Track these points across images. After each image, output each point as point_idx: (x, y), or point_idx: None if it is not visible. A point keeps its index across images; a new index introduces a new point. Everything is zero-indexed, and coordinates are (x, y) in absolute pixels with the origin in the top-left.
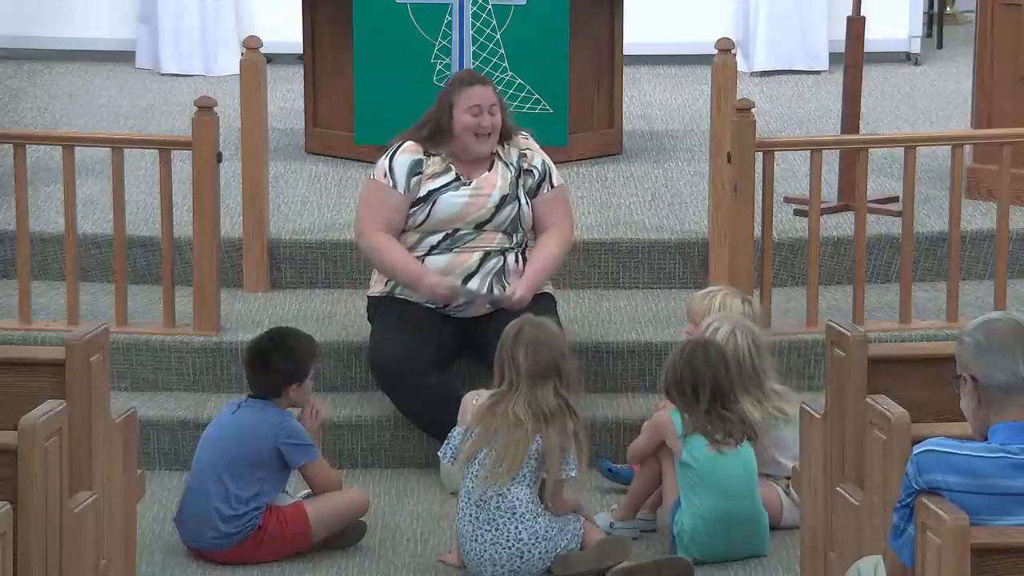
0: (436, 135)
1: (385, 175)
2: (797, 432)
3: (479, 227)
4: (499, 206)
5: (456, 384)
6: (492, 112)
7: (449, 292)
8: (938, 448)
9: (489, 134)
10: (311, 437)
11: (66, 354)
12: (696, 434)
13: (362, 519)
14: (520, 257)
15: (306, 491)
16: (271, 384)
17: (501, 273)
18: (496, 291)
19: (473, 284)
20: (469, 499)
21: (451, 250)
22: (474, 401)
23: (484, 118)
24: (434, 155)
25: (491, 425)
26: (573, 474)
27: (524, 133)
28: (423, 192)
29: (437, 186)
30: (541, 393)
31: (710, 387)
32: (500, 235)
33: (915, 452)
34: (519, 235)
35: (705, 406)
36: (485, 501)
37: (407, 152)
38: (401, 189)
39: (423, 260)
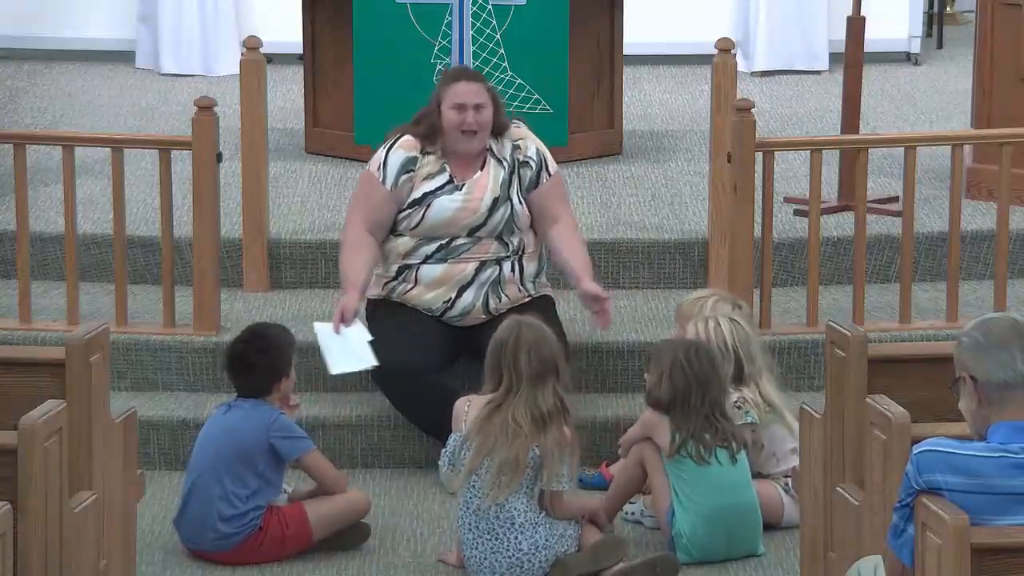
0: (431, 132)
1: (379, 168)
2: (787, 429)
3: (473, 233)
4: (491, 209)
5: (455, 385)
6: (478, 109)
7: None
8: (938, 448)
9: (476, 131)
10: None
11: (66, 354)
12: (683, 455)
13: (363, 520)
14: (516, 265)
15: (308, 488)
16: (258, 384)
17: (497, 283)
18: (492, 302)
19: (468, 295)
20: (468, 508)
21: (446, 260)
22: (466, 408)
23: (468, 115)
24: (430, 153)
25: (490, 435)
26: (565, 486)
27: (516, 122)
28: (418, 194)
29: (431, 188)
30: (541, 395)
31: (707, 392)
32: (496, 243)
33: (915, 452)
34: (515, 240)
35: (705, 412)
36: (484, 511)
37: (403, 148)
38: (388, 185)
39: (418, 268)
